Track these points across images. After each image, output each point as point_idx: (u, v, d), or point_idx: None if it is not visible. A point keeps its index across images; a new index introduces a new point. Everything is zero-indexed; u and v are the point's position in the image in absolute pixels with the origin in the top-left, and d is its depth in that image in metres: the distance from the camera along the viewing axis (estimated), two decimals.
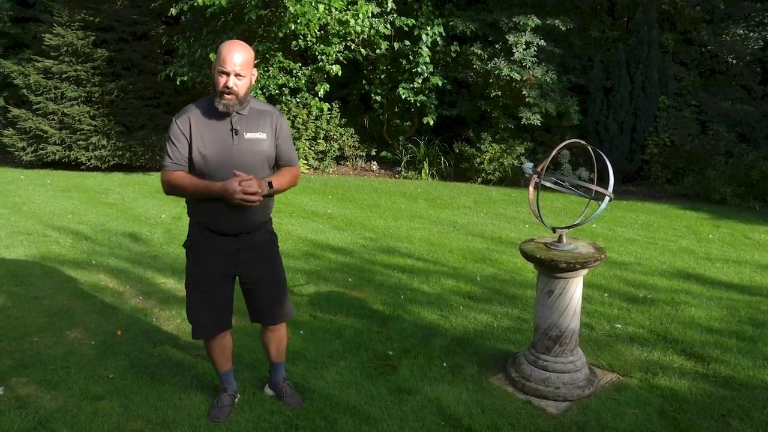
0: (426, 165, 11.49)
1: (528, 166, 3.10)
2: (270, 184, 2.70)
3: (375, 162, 12.47)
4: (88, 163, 11.04)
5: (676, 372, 3.55)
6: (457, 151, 11.49)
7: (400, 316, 4.34)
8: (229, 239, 2.80)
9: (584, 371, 3.38)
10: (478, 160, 10.94)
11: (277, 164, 2.85)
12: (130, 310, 4.33)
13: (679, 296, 4.92)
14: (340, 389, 3.27)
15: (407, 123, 12.27)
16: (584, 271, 3.26)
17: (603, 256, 3.20)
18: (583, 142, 3.22)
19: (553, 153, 3.09)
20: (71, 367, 3.46)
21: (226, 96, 2.62)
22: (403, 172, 11.69)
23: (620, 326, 4.25)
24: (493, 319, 4.34)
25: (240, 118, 2.71)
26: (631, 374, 3.53)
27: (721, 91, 11.59)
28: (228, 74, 2.60)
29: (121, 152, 11.05)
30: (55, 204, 7.97)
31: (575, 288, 3.27)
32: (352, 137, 12.15)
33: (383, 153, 12.45)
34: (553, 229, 3.28)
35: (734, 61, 12.09)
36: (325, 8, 8.01)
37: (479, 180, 11.05)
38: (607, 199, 3.13)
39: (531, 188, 3.42)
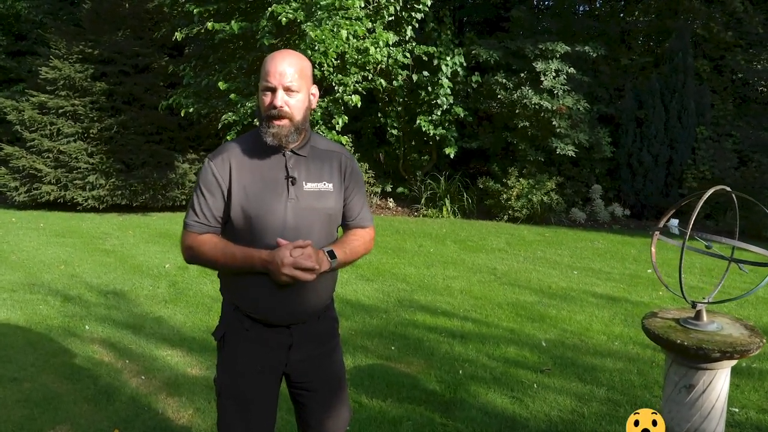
0: (447, 202, 10.69)
1: (674, 223, 2.27)
2: (331, 254, 1.89)
3: (391, 199, 11.69)
4: (85, 204, 10.27)
5: None
6: (481, 186, 10.72)
7: (465, 400, 3.50)
8: (279, 332, 1.97)
9: None
10: (505, 196, 10.18)
11: (345, 224, 2.06)
12: (130, 397, 3.50)
13: None
14: None
15: (425, 157, 11.56)
16: (735, 361, 2.46)
17: (763, 341, 2.40)
18: (728, 188, 2.46)
19: (700, 203, 2.32)
20: None
21: (275, 122, 1.83)
22: (422, 210, 10.89)
23: (737, 410, 3.43)
24: (579, 403, 3.50)
25: (298, 161, 1.91)
26: None
27: (755, 119, 10.93)
28: (274, 90, 1.82)
29: (120, 191, 10.29)
30: (47, 252, 7.16)
31: (723, 382, 2.46)
32: (366, 173, 11.40)
33: (399, 189, 11.69)
34: (693, 304, 2.49)
35: (767, 89, 11.47)
36: (347, 34, 7.28)
37: (505, 217, 10.27)
38: None
39: (653, 248, 2.64)
